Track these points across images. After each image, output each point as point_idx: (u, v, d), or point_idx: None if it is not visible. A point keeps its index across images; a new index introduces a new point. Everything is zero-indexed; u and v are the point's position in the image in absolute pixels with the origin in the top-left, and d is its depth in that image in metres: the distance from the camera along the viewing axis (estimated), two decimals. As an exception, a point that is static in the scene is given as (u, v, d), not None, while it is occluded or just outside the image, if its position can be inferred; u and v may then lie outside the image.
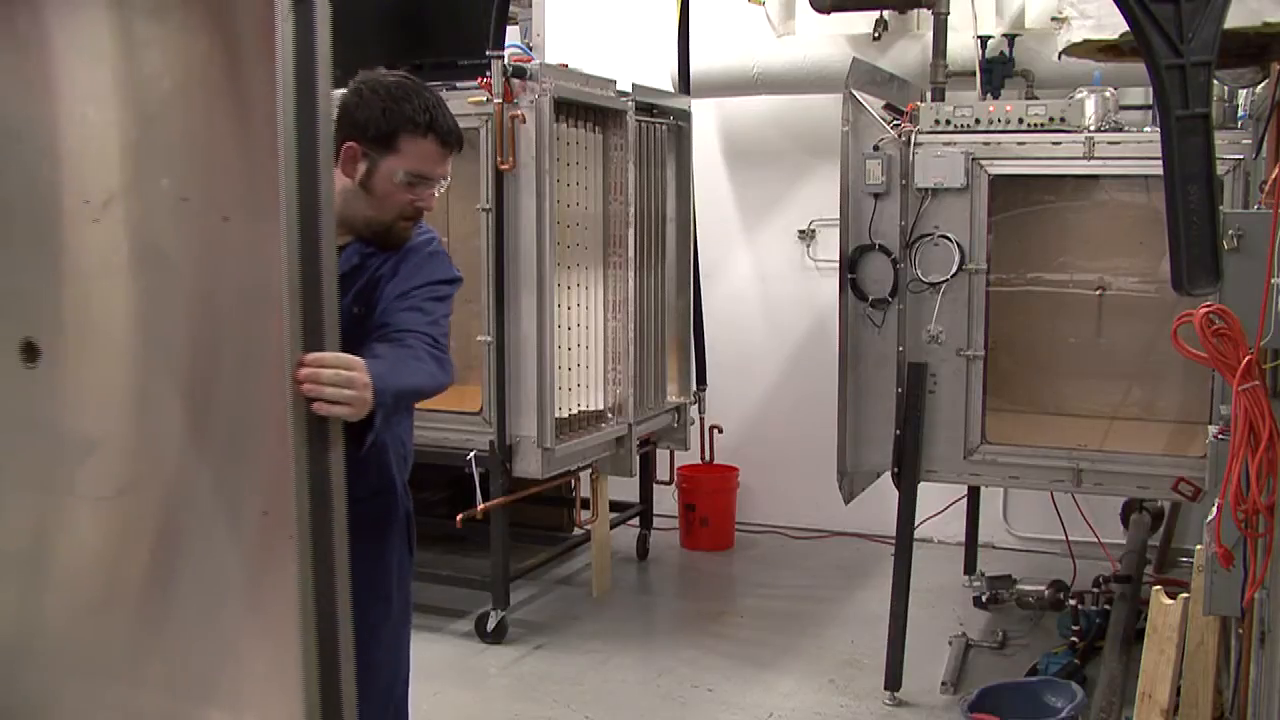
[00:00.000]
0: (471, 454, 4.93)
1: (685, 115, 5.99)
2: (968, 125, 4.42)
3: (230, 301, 1.98)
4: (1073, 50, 3.93)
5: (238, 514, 1.97)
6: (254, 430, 1.96)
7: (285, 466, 1.88)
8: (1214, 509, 2.69)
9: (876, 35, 6.00)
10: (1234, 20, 2.61)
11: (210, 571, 2.01)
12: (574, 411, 5.23)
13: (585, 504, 5.72)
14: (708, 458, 6.62)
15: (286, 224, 1.86)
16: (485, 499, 4.92)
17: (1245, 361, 2.54)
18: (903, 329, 4.51)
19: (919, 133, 4.44)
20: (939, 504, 6.04)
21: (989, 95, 5.50)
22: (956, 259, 4.41)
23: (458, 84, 4.83)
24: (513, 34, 5.17)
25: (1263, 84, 3.81)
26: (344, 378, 1.95)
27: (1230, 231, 2.60)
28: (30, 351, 2.17)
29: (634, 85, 5.48)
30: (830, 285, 5.16)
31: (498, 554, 5.10)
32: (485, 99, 4.77)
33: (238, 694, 2.02)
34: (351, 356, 2.00)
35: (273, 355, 1.89)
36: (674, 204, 5.95)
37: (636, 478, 6.00)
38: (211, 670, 2.05)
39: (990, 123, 4.40)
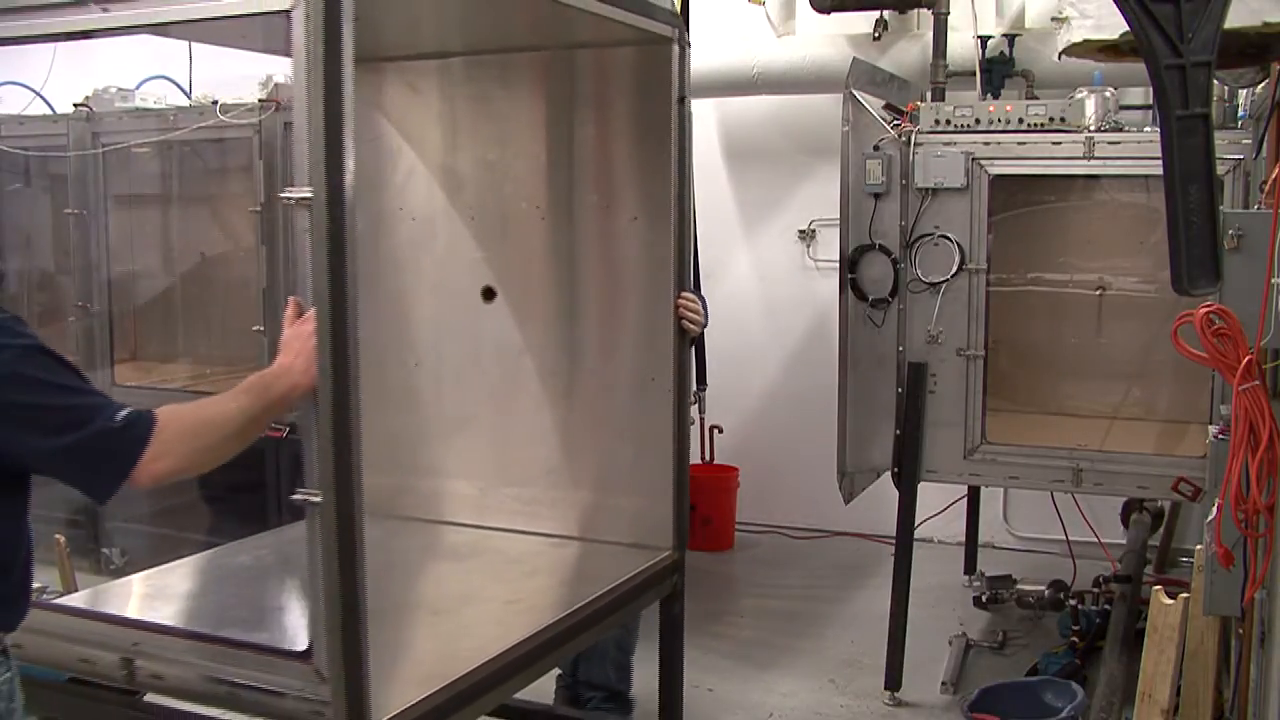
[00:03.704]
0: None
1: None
2: (968, 125, 4.42)
3: (635, 264, 3.57)
4: (1073, 50, 3.92)
5: (637, 380, 3.58)
6: (649, 334, 3.52)
7: (666, 354, 3.48)
8: (1214, 509, 2.70)
9: (876, 35, 6.00)
10: (1234, 20, 2.62)
11: (619, 413, 3.64)
12: (574, 411, 5.29)
13: (585, 504, 5.72)
14: (708, 458, 6.62)
15: (673, 221, 3.42)
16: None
17: (1245, 361, 2.54)
18: (903, 329, 4.51)
19: (919, 133, 4.44)
20: (939, 504, 6.04)
21: (989, 95, 5.50)
22: (956, 259, 4.41)
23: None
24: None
25: (1263, 84, 3.81)
26: (696, 308, 3.44)
27: (1230, 231, 2.61)
28: (489, 294, 3.75)
29: (634, 85, 5.47)
30: (830, 285, 5.16)
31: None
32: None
33: (633, 486, 3.62)
34: (696, 296, 3.48)
35: (662, 294, 3.46)
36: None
37: (636, 478, 5.99)
38: (616, 473, 3.65)
39: (990, 123, 4.40)
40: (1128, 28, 2.40)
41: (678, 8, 6.05)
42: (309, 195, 2.18)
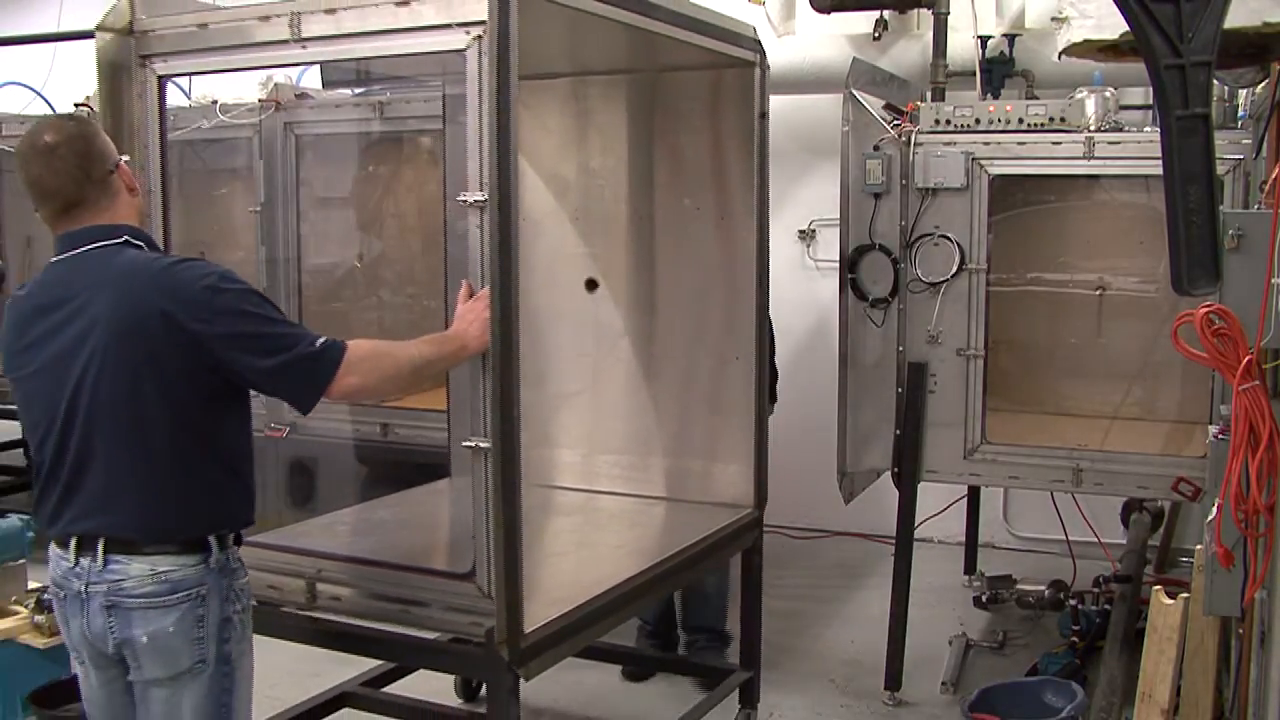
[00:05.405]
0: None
1: (686, 115, 6.04)
2: (968, 125, 4.41)
3: (721, 258, 4.06)
4: (1073, 50, 3.91)
5: (723, 358, 4.08)
6: (733, 319, 4.03)
7: (748, 337, 4.00)
8: (1214, 509, 2.70)
9: (876, 35, 5.99)
10: (1234, 20, 2.61)
11: (705, 389, 4.14)
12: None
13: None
14: (708, 458, 6.60)
15: (756, 221, 3.96)
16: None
17: (1245, 361, 2.54)
18: (903, 329, 4.51)
19: (919, 133, 4.44)
20: (939, 504, 6.04)
21: (989, 95, 5.50)
22: (956, 259, 4.41)
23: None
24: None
25: (1263, 84, 3.81)
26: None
27: (1230, 231, 2.60)
28: (591, 285, 4.29)
29: (634, 85, 5.48)
30: (830, 285, 5.16)
31: (498, 554, 5.15)
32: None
33: (718, 452, 4.12)
34: None
35: (745, 284, 4.00)
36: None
37: (636, 478, 5.98)
38: (703, 440, 4.15)
39: (990, 123, 4.40)
40: (1128, 28, 2.40)
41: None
42: (483, 198, 2.66)
